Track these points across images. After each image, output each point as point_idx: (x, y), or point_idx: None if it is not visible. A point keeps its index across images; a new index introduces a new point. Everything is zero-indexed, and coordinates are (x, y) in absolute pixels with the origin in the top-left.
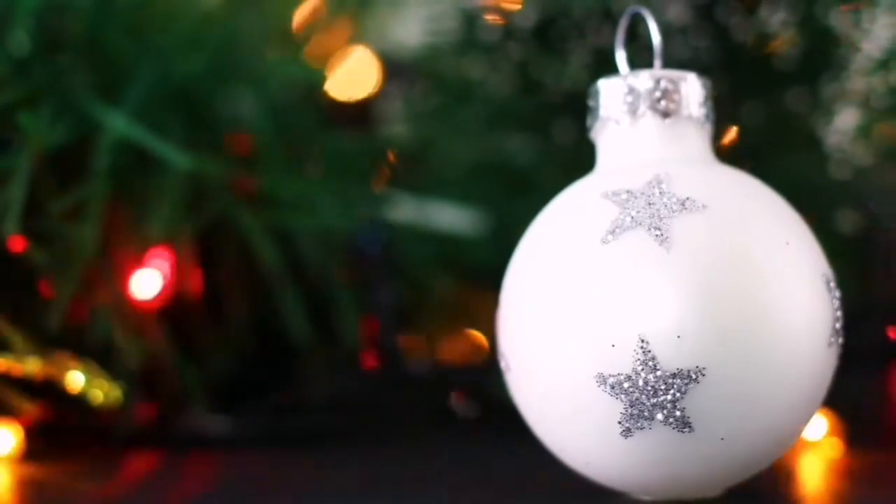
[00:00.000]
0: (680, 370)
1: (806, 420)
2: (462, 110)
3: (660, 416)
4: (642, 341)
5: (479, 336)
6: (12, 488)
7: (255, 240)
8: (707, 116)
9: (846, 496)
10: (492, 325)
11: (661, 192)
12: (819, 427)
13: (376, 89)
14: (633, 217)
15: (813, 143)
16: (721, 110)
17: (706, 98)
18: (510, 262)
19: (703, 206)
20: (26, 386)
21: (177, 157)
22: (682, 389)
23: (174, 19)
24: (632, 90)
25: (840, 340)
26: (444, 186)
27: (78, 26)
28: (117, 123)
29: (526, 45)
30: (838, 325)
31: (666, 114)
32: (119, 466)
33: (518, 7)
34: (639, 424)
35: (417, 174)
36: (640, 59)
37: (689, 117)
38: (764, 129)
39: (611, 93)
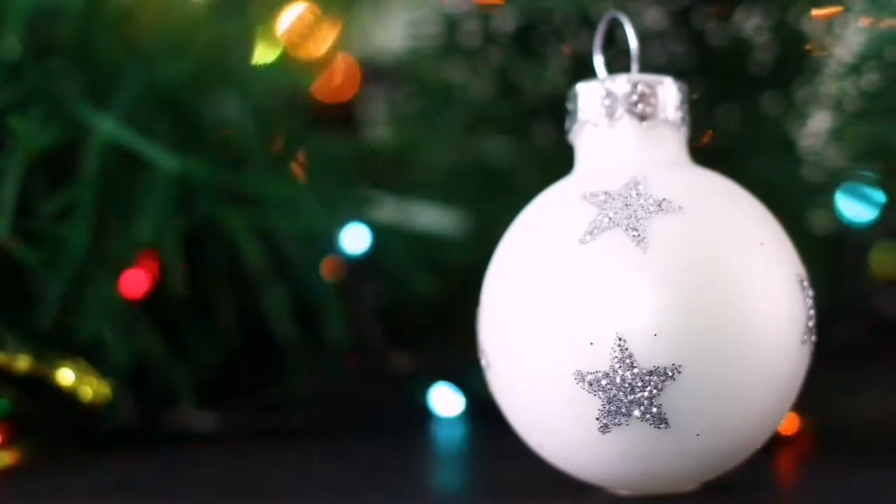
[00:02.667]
0: (656, 367)
1: (779, 416)
2: (443, 114)
3: (637, 413)
4: (620, 339)
5: (460, 334)
6: (0, 484)
7: (241, 239)
8: (683, 119)
9: (818, 490)
10: (472, 323)
11: (638, 194)
12: (792, 423)
13: (357, 92)
14: (610, 218)
15: (787, 146)
16: (697, 113)
17: (682, 101)
18: (491, 262)
19: (680, 208)
20: (17, 382)
21: (164, 159)
22: (659, 386)
23: (161, 25)
24: (609, 94)
25: (813, 338)
26: (426, 188)
27: (68, 32)
28: (106, 126)
29: (506, 49)
30: (811, 324)
31: (643, 117)
32: (107, 463)
33: (499, 3)
34: (616, 421)
35: (400, 176)
36: (617, 63)
37: (666, 120)
38: (739, 132)
39: (589, 96)
